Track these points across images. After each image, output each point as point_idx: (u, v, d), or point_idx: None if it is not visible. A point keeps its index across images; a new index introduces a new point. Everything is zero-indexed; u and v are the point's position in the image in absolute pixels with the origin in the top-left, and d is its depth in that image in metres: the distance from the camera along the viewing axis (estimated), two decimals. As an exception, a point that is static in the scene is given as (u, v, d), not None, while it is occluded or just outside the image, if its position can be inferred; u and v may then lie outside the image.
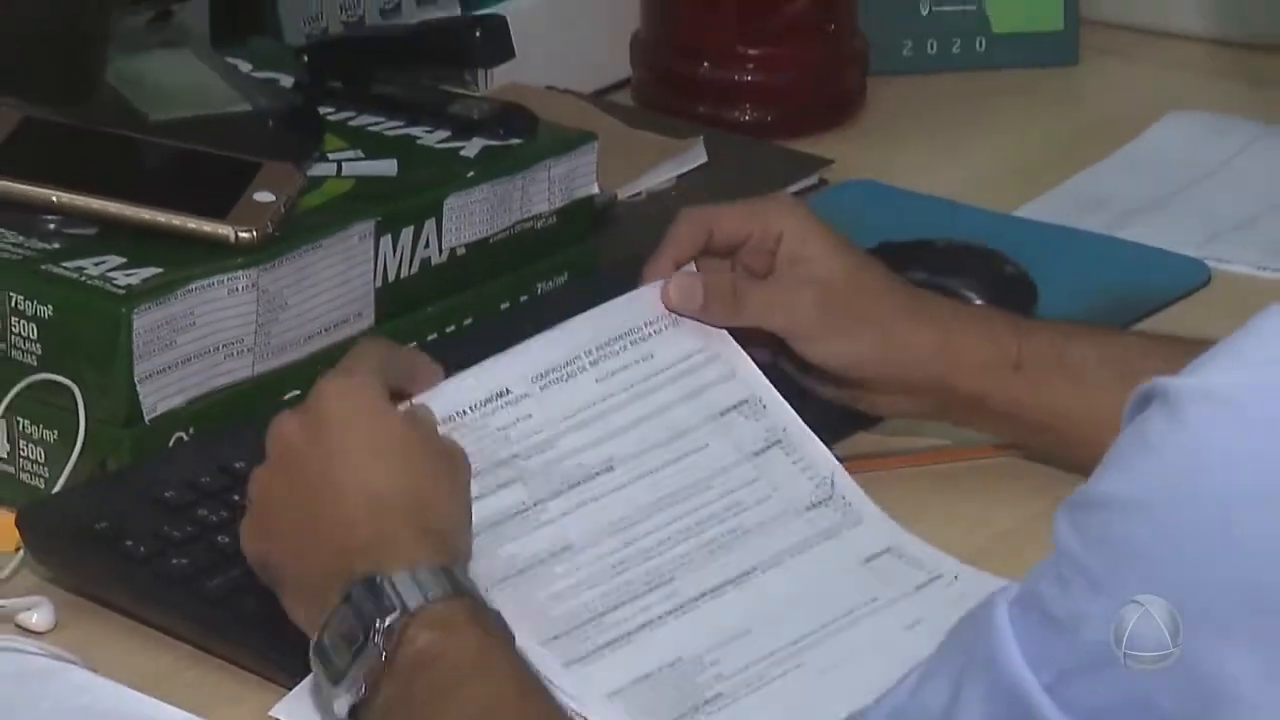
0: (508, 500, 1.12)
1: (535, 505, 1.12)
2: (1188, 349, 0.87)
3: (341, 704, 1.00)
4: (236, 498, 1.15)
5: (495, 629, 1.02)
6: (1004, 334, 1.24)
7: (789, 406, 1.19)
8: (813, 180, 1.57)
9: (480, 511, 1.10)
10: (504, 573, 1.10)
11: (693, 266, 1.24)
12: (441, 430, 1.12)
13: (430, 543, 1.04)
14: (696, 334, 1.21)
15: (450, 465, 1.10)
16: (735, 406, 1.19)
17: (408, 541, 1.03)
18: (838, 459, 1.20)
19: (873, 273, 1.26)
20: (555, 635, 1.08)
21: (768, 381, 1.20)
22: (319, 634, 1.02)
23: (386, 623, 0.99)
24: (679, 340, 1.21)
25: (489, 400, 1.15)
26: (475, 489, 1.10)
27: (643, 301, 1.22)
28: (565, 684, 1.06)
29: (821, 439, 1.24)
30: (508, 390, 1.15)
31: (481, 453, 1.12)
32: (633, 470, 1.15)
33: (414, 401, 1.12)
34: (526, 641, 1.06)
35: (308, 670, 1.04)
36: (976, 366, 1.23)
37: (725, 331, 1.22)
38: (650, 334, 1.21)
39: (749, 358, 1.21)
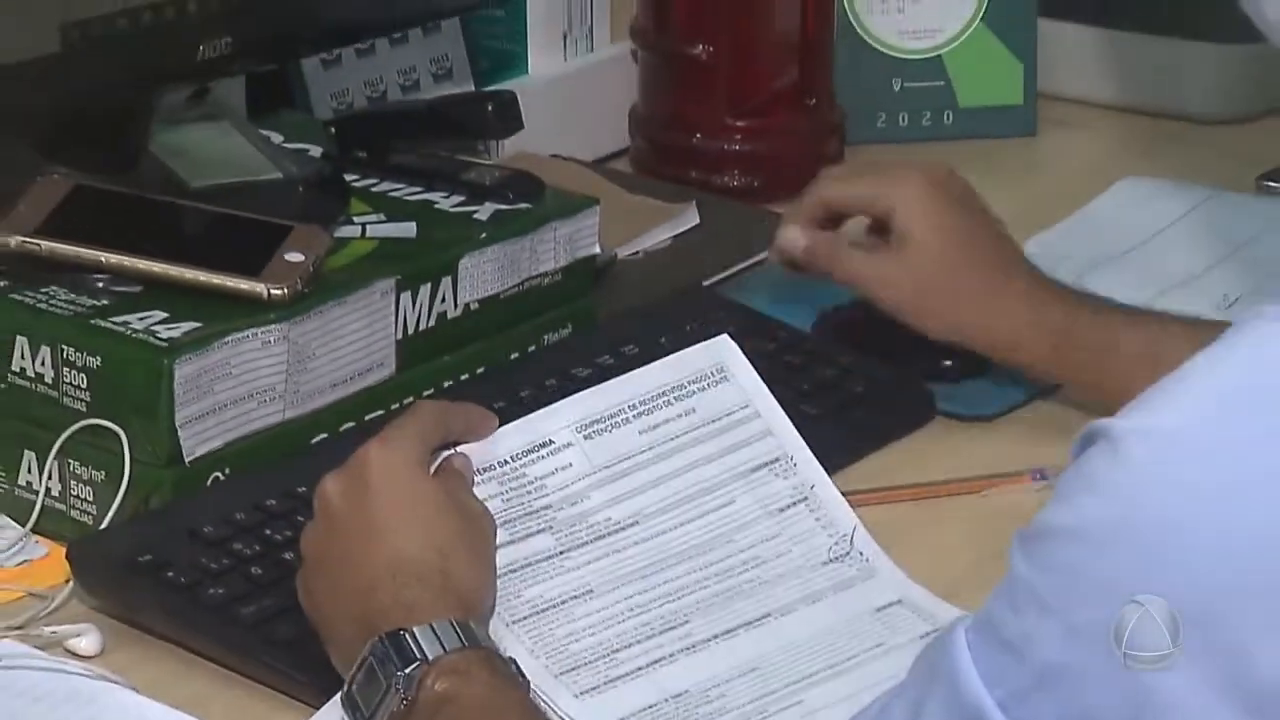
0: (536, 547, 1.11)
1: (561, 554, 1.11)
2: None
3: None
4: (269, 532, 1.16)
5: (508, 676, 1.02)
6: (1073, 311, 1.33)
7: (819, 465, 1.18)
8: None
9: (509, 555, 1.10)
10: (525, 613, 1.09)
11: None
12: (480, 479, 1.12)
13: (449, 601, 1.04)
14: (739, 391, 1.20)
15: (476, 528, 1.09)
16: (767, 464, 1.18)
17: (428, 601, 1.03)
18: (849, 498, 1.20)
19: (973, 253, 1.33)
20: (569, 669, 1.08)
21: (801, 440, 1.18)
22: (349, 683, 1.02)
23: (407, 671, 1.00)
24: (722, 397, 1.19)
25: (530, 450, 1.14)
26: (505, 535, 1.11)
27: (690, 359, 1.20)
28: (575, 712, 1.06)
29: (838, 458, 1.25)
30: (550, 441, 1.15)
31: (515, 501, 1.12)
32: (658, 526, 1.14)
33: (458, 450, 1.12)
34: (541, 674, 1.06)
35: (333, 691, 1.04)
36: (1048, 347, 1.31)
37: (766, 388, 1.20)
38: (695, 390, 1.19)
39: (786, 416, 1.19)
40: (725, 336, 1.23)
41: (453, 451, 1.12)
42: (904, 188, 1.30)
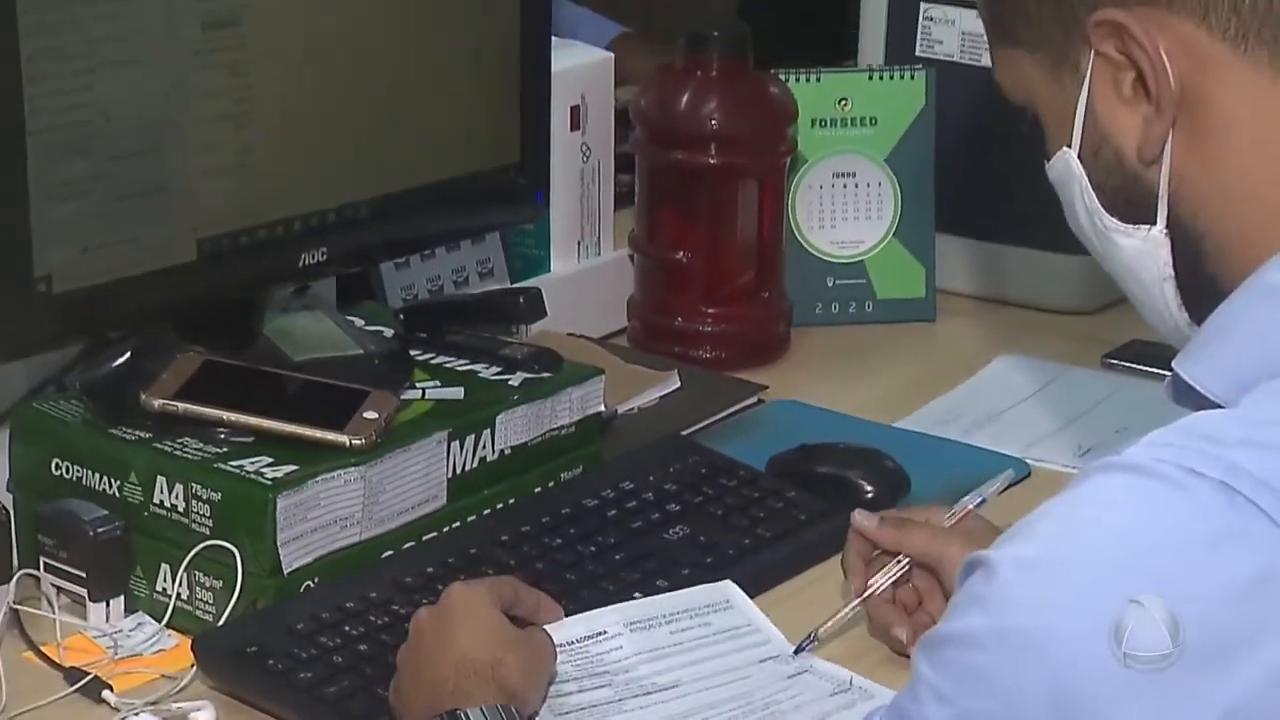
0: (599, 695, 1.11)
1: (618, 700, 1.11)
2: None
3: None
4: (347, 628, 1.16)
5: None
6: None
7: (810, 660, 1.17)
8: (753, 400, 1.56)
9: (578, 700, 1.10)
10: (580, 717, 1.10)
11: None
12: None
13: (497, 690, 1.04)
14: (742, 615, 1.20)
15: (531, 646, 1.09)
16: (772, 658, 1.17)
17: (480, 690, 1.03)
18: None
19: None
20: None
21: (792, 653, 1.17)
22: None
23: None
24: (729, 618, 1.19)
25: (589, 636, 1.15)
26: (574, 687, 1.11)
27: (712, 594, 1.21)
28: None
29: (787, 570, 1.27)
30: (605, 631, 1.15)
31: (583, 666, 1.13)
32: (694, 687, 1.13)
33: (543, 627, 1.13)
34: None
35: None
36: None
37: (760, 612, 1.20)
38: (708, 612, 1.20)
39: (779, 632, 1.18)
40: (728, 581, 1.22)
41: (539, 627, 1.12)
42: (958, 549, 1.16)
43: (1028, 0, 0.91)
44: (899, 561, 1.20)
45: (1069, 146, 0.91)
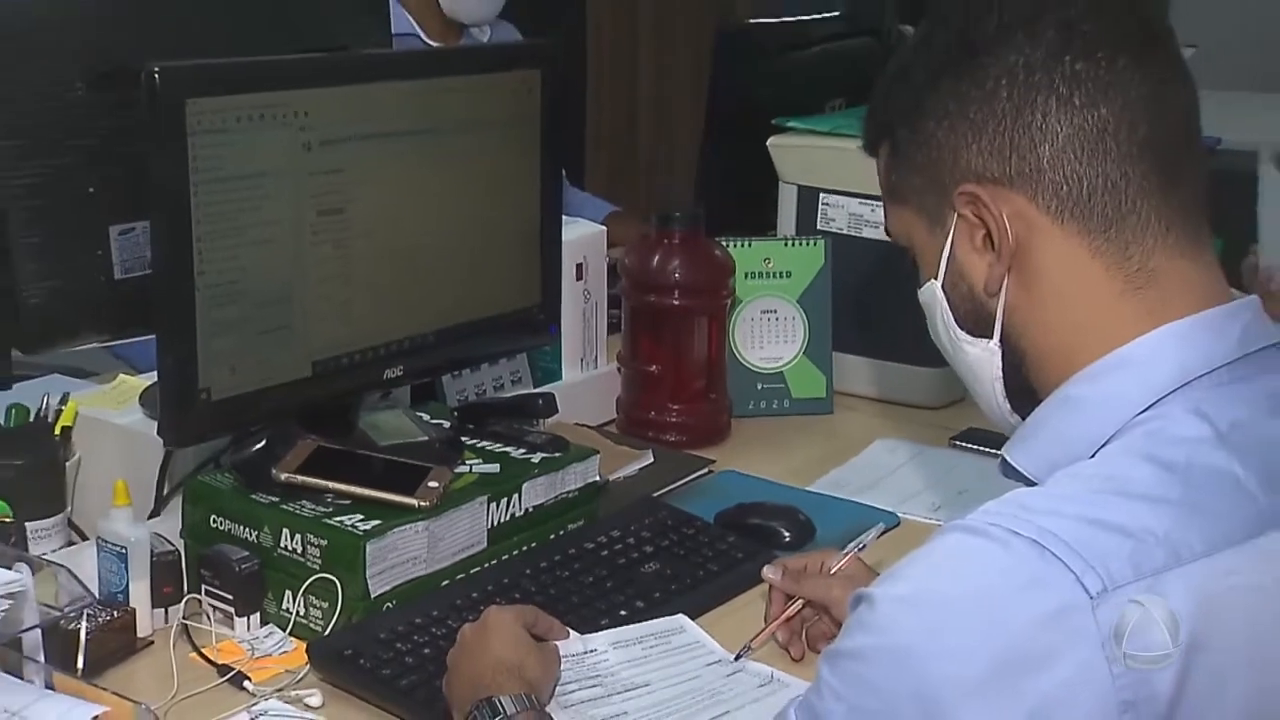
0: (593, 692, 1.11)
1: (606, 696, 1.10)
2: None
3: None
4: (416, 638, 1.15)
5: None
6: None
7: (744, 663, 1.16)
8: (704, 471, 1.55)
9: (579, 694, 1.10)
10: (580, 710, 1.09)
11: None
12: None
13: (522, 683, 1.03)
14: (693, 636, 1.19)
15: (544, 653, 1.09)
16: (715, 662, 1.16)
17: (509, 683, 1.02)
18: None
19: None
20: None
21: (732, 658, 1.16)
22: None
23: None
24: (684, 638, 1.19)
25: (586, 651, 1.14)
26: (576, 686, 1.10)
27: (670, 624, 1.20)
28: None
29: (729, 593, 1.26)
30: (596, 648, 1.15)
31: (579, 672, 1.12)
32: (660, 685, 1.13)
33: (552, 643, 1.12)
34: None
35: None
36: None
37: (706, 634, 1.19)
38: (671, 634, 1.19)
39: (718, 645, 1.17)
40: (682, 614, 1.21)
41: (551, 643, 1.12)
42: (840, 592, 1.16)
43: (914, 176, 0.89)
44: (796, 602, 1.20)
45: (935, 279, 0.90)
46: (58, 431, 1.31)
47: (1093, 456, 0.81)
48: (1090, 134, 0.82)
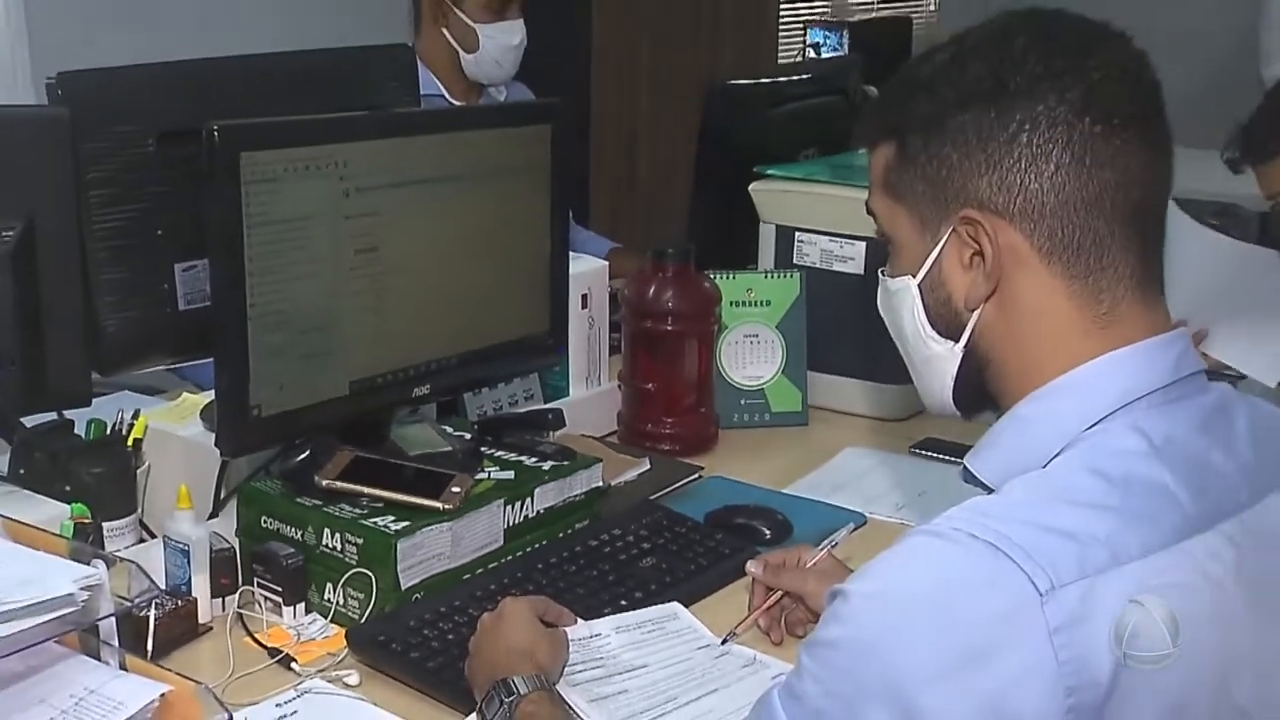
0: (597, 672, 1.10)
1: (609, 676, 1.10)
2: None
3: None
4: (441, 625, 1.15)
5: (564, 705, 1.02)
6: None
7: (730, 647, 1.15)
8: (695, 476, 1.55)
9: (585, 674, 1.09)
10: (586, 688, 1.08)
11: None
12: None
13: (534, 665, 1.02)
14: (685, 622, 1.18)
15: (554, 639, 1.08)
16: (705, 646, 1.16)
17: (524, 665, 1.02)
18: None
19: None
20: (593, 699, 1.06)
21: (719, 643, 1.15)
22: (482, 705, 1.01)
23: (511, 699, 0.99)
24: (678, 624, 1.18)
25: (591, 636, 1.14)
26: (582, 666, 1.09)
27: (666, 610, 1.20)
28: (591, 716, 1.04)
29: (717, 584, 1.25)
30: (599, 633, 1.14)
31: (585, 655, 1.11)
32: (656, 666, 1.12)
33: (561, 629, 1.11)
34: (578, 700, 1.05)
35: (473, 708, 1.04)
36: None
37: (697, 620, 1.18)
38: (666, 620, 1.18)
39: (707, 630, 1.17)
40: (676, 602, 1.20)
41: (560, 629, 1.11)
42: (814, 585, 1.17)
43: (918, 183, 0.85)
44: (775, 594, 1.20)
45: (914, 276, 0.87)
46: (130, 443, 1.31)
47: (1044, 467, 0.81)
48: (1092, 193, 0.80)
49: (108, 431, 1.32)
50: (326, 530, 1.19)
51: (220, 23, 2.58)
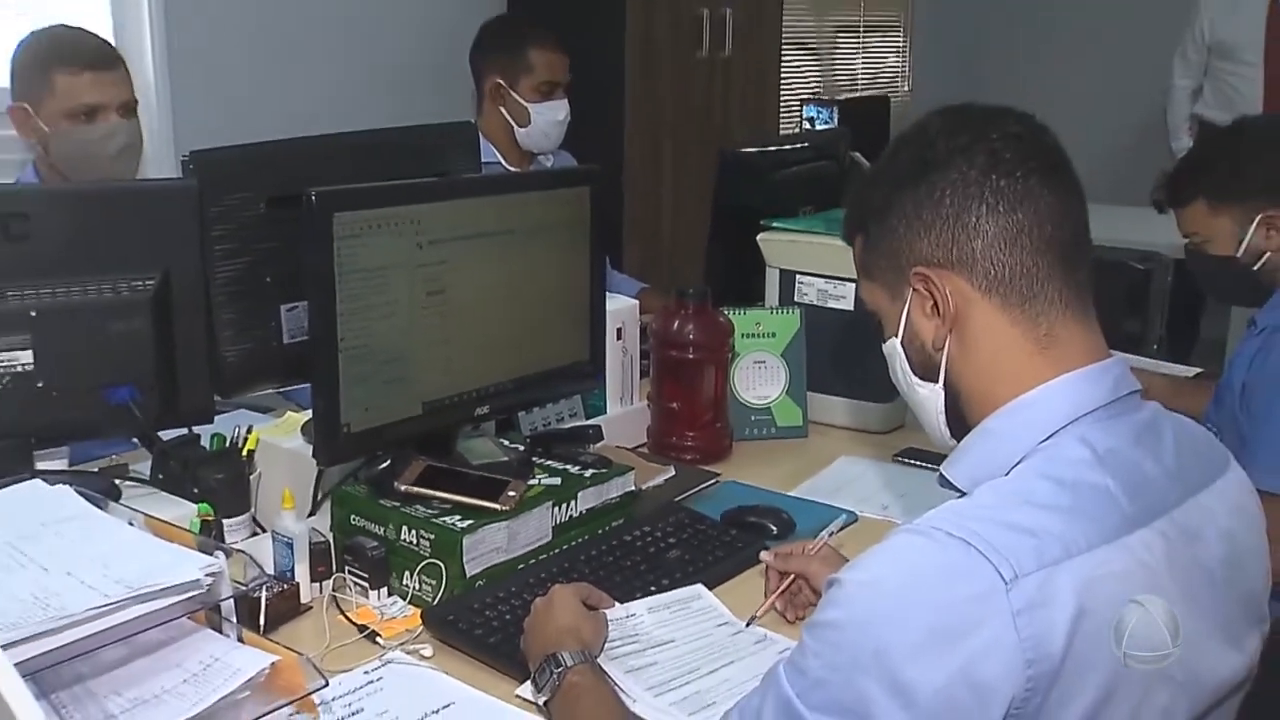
0: (632, 647, 1.10)
1: (642, 650, 1.10)
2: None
3: (541, 697, 0.99)
4: (500, 608, 1.15)
5: (604, 675, 1.01)
6: None
7: (744, 624, 1.14)
8: (713, 481, 1.54)
9: (622, 649, 1.08)
10: (622, 661, 1.07)
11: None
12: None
13: (579, 641, 1.02)
14: (710, 602, 1.17)
15: (596, 620, 1.08)
16: (725, 624, 1.15)
17: (570, 642, 1.02)
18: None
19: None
20: (629, 670, 1.06)
21: (736, 620, 1.14)
22: (535, 675, 1.01)
23: (559, 670, 0.99)
24: (702, 604, 1.18)
25: (627, 616, 1.14)
26: (620, 643, 1.09)
27: (691, 592, 1.18)
28: (626, 685, 1.04)
29: (732, 574, 1.22)
30: (634, 614, 1.14)
31: (622, 631, 1.11)
32: (682, 641, 1.12)
33: (601, 611, 1.10)
34: (620, 678, 1.04)
35: (528, 677, 1.03)
36: None
37: (719, 601, 1.17)
38: (692, 600, 1.18)
39: (727, 609, 1.15)
40: (700, 585, 1.19)
41: (600, 611, 1.10)
42: (817, 567, 1.17)
43: (880, 259, 0.88)
44: (789, 578, 1.19)
45: (895, 337, 0.89)
46: (244, 453, 1.33)
47: (1007, 474, 0.81)
48: (1011, 233, 0.83)
49: (227, 444, 1.34)
50: (404, 527, 1.20)
51: (329, 104, 2.67)
